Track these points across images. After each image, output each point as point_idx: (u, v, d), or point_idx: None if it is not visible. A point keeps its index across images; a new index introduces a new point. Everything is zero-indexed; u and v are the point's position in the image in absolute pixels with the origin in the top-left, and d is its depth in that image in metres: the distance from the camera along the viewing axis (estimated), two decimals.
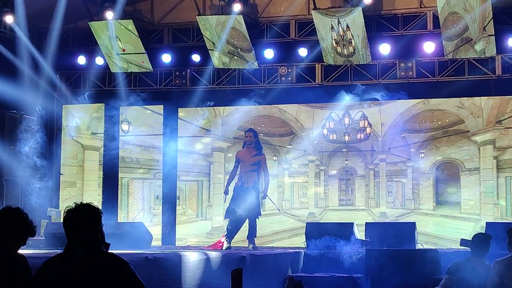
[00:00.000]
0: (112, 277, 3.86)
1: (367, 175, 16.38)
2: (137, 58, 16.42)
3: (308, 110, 16.66)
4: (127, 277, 3.91)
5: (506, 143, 15.26)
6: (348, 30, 14.75)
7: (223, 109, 16.99)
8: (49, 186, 16.65)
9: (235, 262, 9.28)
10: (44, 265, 4.05)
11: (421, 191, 15.91)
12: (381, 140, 16.22)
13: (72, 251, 3.94)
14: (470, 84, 15.11)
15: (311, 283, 9.92)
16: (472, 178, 15.49)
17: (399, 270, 10.20)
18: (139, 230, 12.71)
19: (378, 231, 12.15)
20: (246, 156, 12.90)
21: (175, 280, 8.15)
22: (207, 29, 15.56)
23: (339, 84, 15.91)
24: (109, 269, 3.88)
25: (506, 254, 7.46)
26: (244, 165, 12.88)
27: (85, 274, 3.85)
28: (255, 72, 16.23)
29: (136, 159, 17.28)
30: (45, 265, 4.05)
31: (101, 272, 3.86)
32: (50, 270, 3.98)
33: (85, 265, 3.86)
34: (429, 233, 15.26)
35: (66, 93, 17.29)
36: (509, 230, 7.51)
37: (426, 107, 15.93)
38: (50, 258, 4.07)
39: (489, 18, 13.80)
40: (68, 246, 3.98)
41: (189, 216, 17.00)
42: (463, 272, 7.41)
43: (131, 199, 17.22)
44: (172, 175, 16.86)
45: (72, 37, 17.22)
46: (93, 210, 4.00)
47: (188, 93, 16.62)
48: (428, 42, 15.02)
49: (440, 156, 15.85)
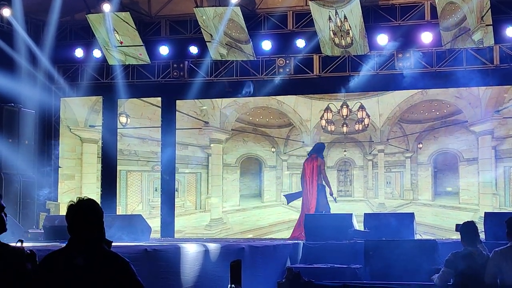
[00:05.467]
0: (112, 277, 3.84)
1: (365, 166, 16.40)
2: (135, 51, 16.39)
3: (306, 102, 16.66)
4: (127, 277, 3.89)
5: (504, 133, 15.27)
6: (345, 20, 14.72)
7: (221, 101, 16.99)
8: (47, 179, 16.65)
9: (234, 253, 9.28)
10: (45, 260, 4.02)
11: (420, 181, 15.94)
12: (379, 130, 16.22)
13: (74, 248, 3.90)
14: (468, 74, 15.09)
15: (310, 274, 9.92)
16: (471, 168, 15.51)
17: (397, 261, 10.20)
18: (138, 222, 12.72)
19: (377, 222, 12.16)
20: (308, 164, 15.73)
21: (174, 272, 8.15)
22: (205, 21, 15.52)
23: (337, 75, 15.89)
24: (109, 268, 3.85)
25: (505, 244, 7.46)
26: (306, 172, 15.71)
27: (85, 272, 3.82)
28: (253, 63, 16.21)
29: (134, 152, 17.28)
30: (46, 260, 4.01)
31: (101, 271, 3.83)
32: (50, 266, 3.95)
33: (85, 263, 3.83)
34: (427, 224, 15.29)
35: (64, 86, 17.27)
36: (508, 220, 7.50)
37: (424, 97, 15.94)
38: (51, 253, 4.03)
39: (486, 8, 13.79)
40: (70, 243, 3.95)
41: (188, 208, 17.01)
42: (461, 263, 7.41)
43: (129, 192, 17.23)
44: (170, 167, 16.85)
45: (70, 30, 17.18)
46: (95, 206, 3.99)
47: (186, 85, 16.59)
48: (426, 32, 15.00)
49: (439, 147, 15.86)
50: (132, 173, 17.33)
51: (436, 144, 15.89)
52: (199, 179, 17.07)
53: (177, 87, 16.80)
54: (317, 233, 11.91)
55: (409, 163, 16.06)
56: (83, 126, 17.55)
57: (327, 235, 11.75)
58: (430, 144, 15.93)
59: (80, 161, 17.54)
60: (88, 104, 17.54)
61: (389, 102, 16.15)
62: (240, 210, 16.89)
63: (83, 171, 17.49)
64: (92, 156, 17.47)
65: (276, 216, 16.63)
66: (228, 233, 16.62)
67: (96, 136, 17.42)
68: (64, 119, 17.52)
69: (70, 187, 17.31)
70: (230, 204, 16.88)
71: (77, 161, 17.55)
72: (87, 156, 17.50)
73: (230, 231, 16.67)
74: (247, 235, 16.34)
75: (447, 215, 15.51)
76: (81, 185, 17.38)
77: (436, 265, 9.47)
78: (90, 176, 17.42)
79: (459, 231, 7.71)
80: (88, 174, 17.44)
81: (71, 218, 3.95)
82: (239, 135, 17.04)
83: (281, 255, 11.08)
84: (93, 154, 17.46)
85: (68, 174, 17.48)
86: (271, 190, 16.87)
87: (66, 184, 17.35)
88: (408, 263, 10.08)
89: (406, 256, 10.22)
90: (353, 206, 15.65)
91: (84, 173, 17.48)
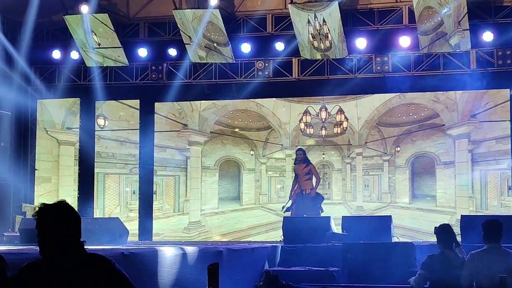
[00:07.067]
0: (100, 278, 3.71)
1: (344, 169, 16.45)
2: (113, 52, 16.31)
3: (285, 105, 16.69)
4: (115, 277, 3.78)
5: (480, 137, 15.39)
6: (324, 24, 14.77)
7: (200, 104, 16.95)
8: (24, 182, 16.51)
9: (211, 256, 9.26)
10: (23, 271, 3.76)
11: (397, 184, 16.02)
12: (357, 134, 16.29)
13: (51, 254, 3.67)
14: (445, 78, 15.21)
15: (288, 277, 9.93)
16: (448, 171, 15.63)
17: (375, 263, 10.24)
18: (116, 225, 12.64)
19: (355, 225, 12.19)
20: (299, 169, 15.78)
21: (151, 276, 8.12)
22: (184, 23, 15.49)
23: (316, 79, 15.94)
24: (95, 270, 3.68)
25: (481, 247, 7.52)
26: (300, 177, 15.70)
27: (69, 278, 3.63)
28: (232, 66, 16.20)
29: (112, 154, 17.18)
30: (25, 271, 3.75)
31: (87, 274, 3.66)
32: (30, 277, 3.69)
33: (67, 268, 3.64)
34: (405, 226, 15.37)
35: (40, 88, 17.11)
36: (484, 223, 7.57)
37: (402, 101, 16.03)
38: (28, 264, 3.77)
39: (463, 13, 13.89)
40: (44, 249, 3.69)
41: (166, 211, 16.95)
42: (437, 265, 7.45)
43: (107, 194, 17.12)
44: (148, 170, 16.78)
45: (47, 31, 17.04)
46: (70, 209, 3.76)
47: (165, 87, 16.53)
48: (403, 36, 15.08)
49: (416, 150, 15.96)
50: (109, 175, 17.23)
51: (414, 148, 15.99)
52: (177, 182, 17.02)
53: (156, 90, 16.74)
54: (295, 236, 11.91)
55: (387, 166, 16.14)
56: (60, 128, 17.42)
57: (305, 238, 11.76)
58: (408, 147, 16.02)
59: (57, 163, 17.41)
60: (65, 106, 17.42)
61: (368, 105, 16.23)
62: (219, 213, 16.87)
63: (60, 174, 17.35)
64: (69, 158, 17.34)
65: (254, 219, 16.62)
66: (207, 236, 16.59)
67: (73, 138, 17.30)
68: (40, 121, 17.38)
69: (47, 189, 17.17)
70: (209, 207, 16.85)
71: (54, 164, 17.41)
72: (64, 158, 17.37)
73: (208, 234, 16.64)
74: (226, 238, 16.32)
75: (424, 218, 15.61)
76: (58, 187, 17.24)
77: (413, 268, 9.53)
78: (67, 178, 17.28)
79: (435, 234, 7.77)
80: (65, 176, 17.30)
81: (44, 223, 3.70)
82: (218, 137, 17.02)
83: (259, 258, 11.07)
84: (70, 156, 17.33)
85: (44, 177, 17.33)
86: (249, 193, 16.87)
87: (43, 187, 17.21)
88: (385, 265, 10.12)
89: (384, 259, 10.27)
90: (332, 209, 15.67)
91: (61, 175, 17.35)
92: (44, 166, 17.36)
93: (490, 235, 7.45)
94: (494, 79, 14.83)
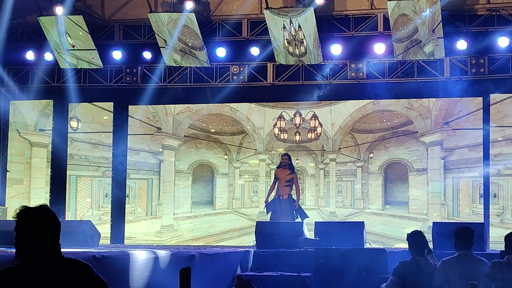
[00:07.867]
0: (78, 284, 3.64)
1: (317, 174, 16.50)
2: (87, 55, 16.20)
3: (259, 109, 16.71)
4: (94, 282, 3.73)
5: (453, 144, 15.54)
6: (300, 30, 14.82)
7: (174, 107, 16.90)
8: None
9: (184, 261, 9.23)
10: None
11: (370, 190, 16.10)
12: (331, 139, 16.35)
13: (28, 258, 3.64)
14: (419, 85, 15.33)
15: (260, 282, 9.92)
16: (420, 178, 15.74)
17: (347, 269, 10.27)
18: (87, 228, 12.54)
19: (327, 230, 12.21)
20: (282, 174, 15.63)
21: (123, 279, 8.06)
22: (159, 26, 15.44)
23: (291, 84, 15.98)
24: (73, 276, 3.64)
25: (452, 254, 7.58)
26: (280, 182, 15.61)
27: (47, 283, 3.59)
28: (206, 70, 16.18)
29: (85, 157, 17.06)
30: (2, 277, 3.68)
31: (65, 279, 3.62)
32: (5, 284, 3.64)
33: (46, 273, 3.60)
34: (377, 233, 15.45)
35: (13, 89, 16.96)
36: (455, 230, 7.63)
37: (375, 107, 16.13)
38: (3, 270, 3.71)
39: (438, 21, 14.02)
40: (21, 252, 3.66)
41: (138, 214, 16.86)
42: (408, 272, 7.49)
43: (79, 197, 16.99)
44: (121, 173, 16.69)
45: (21, 32, 16.88)
46: (51, 214, 3.78)
47: (139, 90, 16.46)
48: (378, 43, 15.17)
49: (389, 156, 16.06)
50: (82, 178, 17.11)
51: (387, 154, 16.09)
52: (150, 185, 16.95)
53: (130, 92, 16.66)
54: (268, 241, 11.91)
55: (360, 172, 16.22)
56: (32, 130, 17.26)
57: (278, 243, 11.76)
58: (381, 154, 16.12)
59: (29, 165, 17.24)
60: (38, 108, 17.27)
61: (342, 111, 16.31)
62: (192, 217, 16.82)
63: (32, 176, 17.19)
64: (41, 160, 17.19)
65: (227, 223, 16.61)
66: (179, 240, 16.53)
67: (46, 140, 17.15)
68: (13, 123, 17.20)
69: (18, 191, 17.00)
70: (182, 211, 16.80)
71: (26, 165, 17.24)
72: (36, 160, 17.21)
73: (181, 238, 16.58)
74: (198, 242, 16.28)
75: (396, 224, 15.71)
76: (29, 189, 17.08)
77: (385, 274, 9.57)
78: (39, 180, 17.13)
79: (407, 240, 7.81)
80: (37, 178, 17.14)
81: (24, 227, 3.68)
82: (192, 141, 16.98)
83: (232, 263, 11.05)
84: (43, 158, 17.17)
85: (16, 179, 17.16)
86: (223, 198, 16.86)
87: (14, 189, 17.03)
88: (357, 271, 10.15)
89: (356, 265, 10.29)
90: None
91: (33, 177, 17.18)
92: (16, 168, 17.19)
93: (462, 242, 7.51)
94: (468, 87, 14.96)
